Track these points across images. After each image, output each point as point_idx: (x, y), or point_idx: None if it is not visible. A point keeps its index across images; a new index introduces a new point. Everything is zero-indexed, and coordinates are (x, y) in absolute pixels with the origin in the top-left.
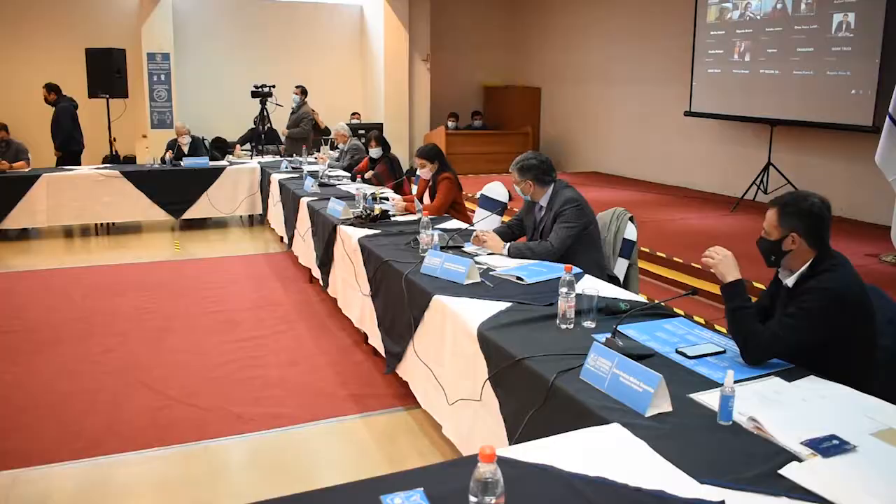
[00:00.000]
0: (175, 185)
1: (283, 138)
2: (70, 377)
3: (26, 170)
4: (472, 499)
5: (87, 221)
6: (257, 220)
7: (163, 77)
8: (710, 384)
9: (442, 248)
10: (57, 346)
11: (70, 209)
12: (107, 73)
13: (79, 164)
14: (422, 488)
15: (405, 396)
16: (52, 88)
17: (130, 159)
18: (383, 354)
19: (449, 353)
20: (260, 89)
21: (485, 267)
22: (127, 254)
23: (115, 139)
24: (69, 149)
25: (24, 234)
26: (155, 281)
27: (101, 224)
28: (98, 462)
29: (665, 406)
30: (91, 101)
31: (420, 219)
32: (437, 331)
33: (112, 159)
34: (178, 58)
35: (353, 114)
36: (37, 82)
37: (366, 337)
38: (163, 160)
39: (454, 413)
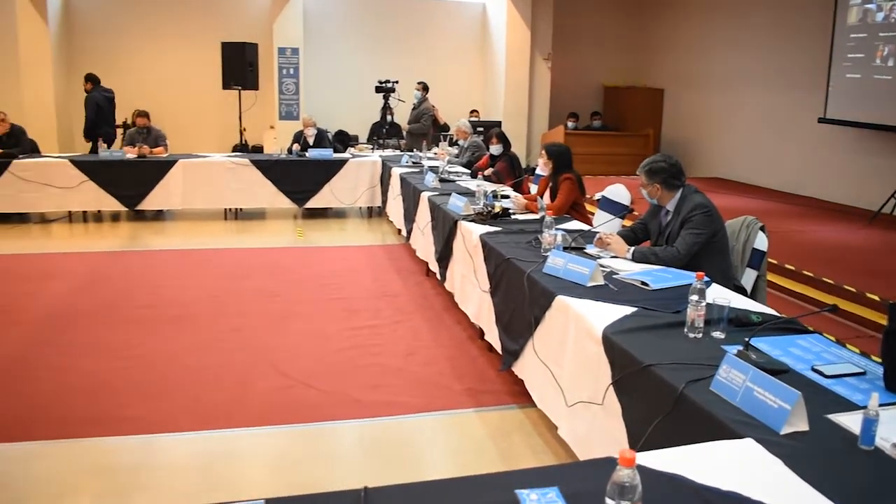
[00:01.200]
0: (300, 175)
1: (403, 133)
2: (200, 352)
3: (164, 155)
4: (609, 501)
5: (217, 206)
6: (375, 212)
7: (292, 71)
8: (849, 406)
9: (564, 249)
10: (189, 322)
11: (202, 194)
12: (240, 66)
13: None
14: (557, 486)
15: (520, 394)
16: (88, 79)
17: (258, 149)
18: (499, 351)
19: (570, 354)
20: (383, 84)
21: (608, 270)
22: (252, 238)
23: (244, 129)
24: (94, 135)
25: (159, 216)
26: (279, 266)
27: (230, 209)
28: (224, 434)
29: (801, 425)
30: (224, 92)
31: (543, 218)
32: (559, 331)
33: (241, 148)
34: (307, 53)
35: (472, 111)
36: (176, 73)
37: (482, 332)
38: (289, 151)
39: (572, 415)
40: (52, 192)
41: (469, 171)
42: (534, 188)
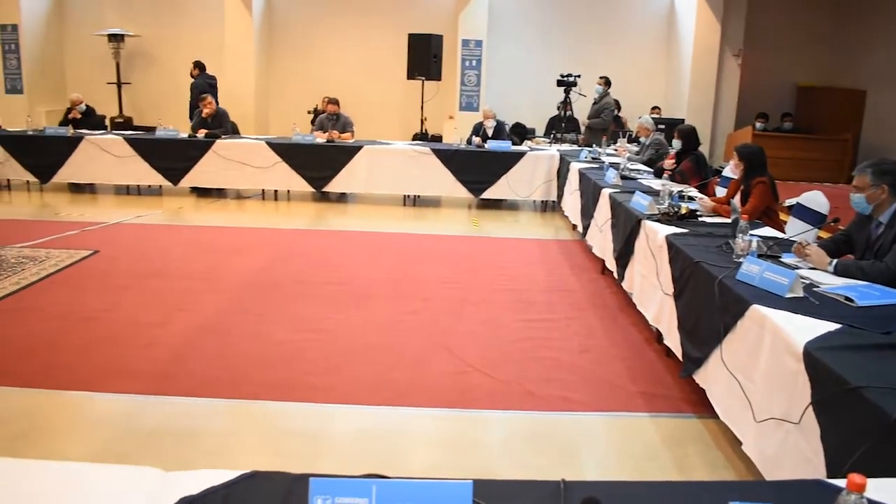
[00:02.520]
0: (478, 166)
1: (582, 128)
2: (380, 331)
3: (351, 141)
4: None
5: (397, 192)
6: (549, 206)
7: (474, 63)
8: None
9: (759, 256)
10: (370, 301)
11: (384, 179)
12: (425, 56)
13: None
14: (771, 503)
15: (699, 403)
16: (196, 65)
17: (437, 138)
18: (679, 356)
19: (763, 367)
20: (565, 78)
21: (808, 282)
22: (429, 225)
23: (425, 119)
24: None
25: (342, 198)
26: (454, 253)
27: (408, 196)
28: (400, 411)
29: None
30: (408, 82)
31: (736, 222)
32: (751, 342)
33: (421, 137)
34: (490, 45)
35: (654, 108)
36: (364, 63)
37: (659, 335)
38: (468, 141)
39: (760, 431)
40: (248, 171)
41: (651, 170)
42: (720, 191)
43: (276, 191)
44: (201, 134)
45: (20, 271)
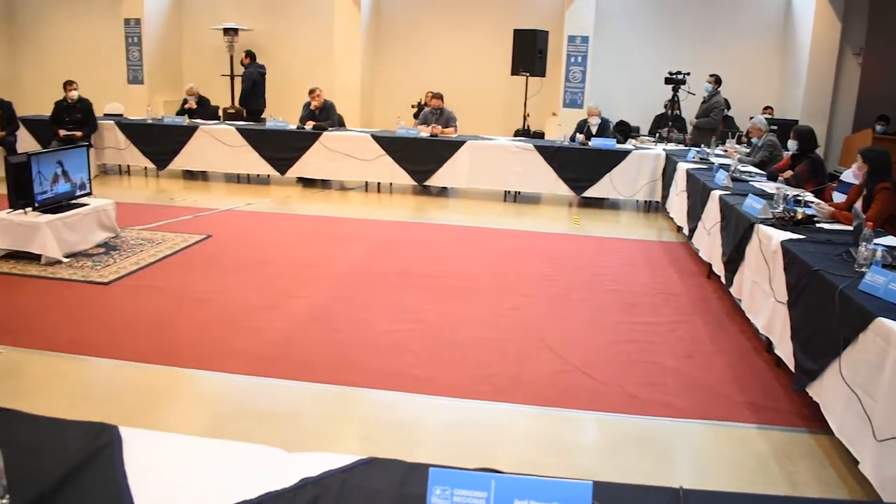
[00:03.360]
0: (581, 164)
1: (689, 127)
2: (482, 325)
3: (454, 136)
4: None
5: (498, 188)
6: (653, 207)
7: (580, 59)
8: None
9: (884, 266)
10: (471, 295)
11: (486, 175)
12: (530, 52)
13: (259, 122)
14: None
15: (812, 418)
16: (248, 55)
17: (539, 135)
18: (791, 367)
19: (887, 383)
20: (674, 76)
21: None
22: (529, 222)
23: (528, 114)
24: (248, 108)
25: (442, 192)
26: (555, 251)
27: (509, 192)
28: (499, 406)
29: None
30: (512, 77)
31: (859, 229)
32: (874, 356)
33: (523, 133)
34: (596, 41)
35: (766, 108)
36: (468, 58)
37: (769, 344)
38: (572, 138)
39: (881, 451)
40: (353, 163)
41: (763, 172)
42: (837, 197)
43: (378, 183)
44: (309, 126)
45: (139, 252)
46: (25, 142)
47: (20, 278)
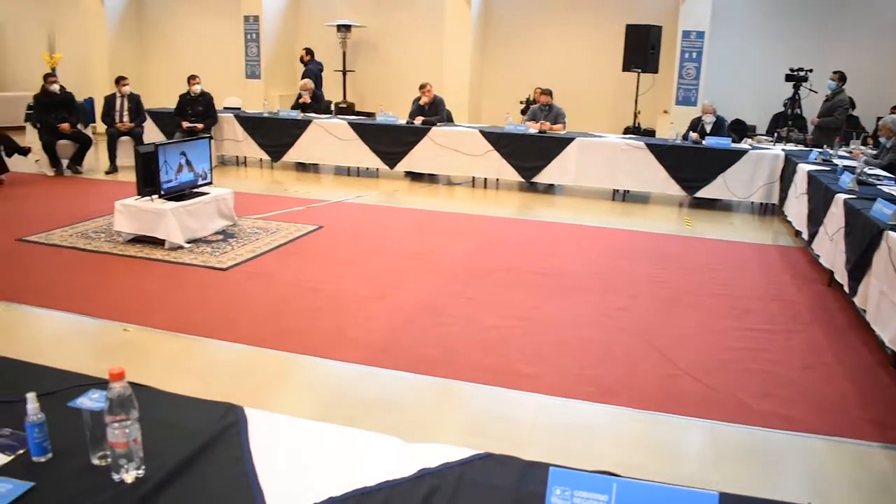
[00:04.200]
0: (694, 163)
1: (810, 127)
2: (588, 325)
3: (562, 132)
4: None
5: (607, 186)
6: (769, 210)
7: (694, 55)
8: None
9: None
10: (578, 294)
11: (594, 172)
12: (642, 48)
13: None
14: None
15: None
16: (307, 51)
17: (649, 132)
18: None
19: None
20: (795, 73)
21: None
22: (638, 222)
23: (639, 112)
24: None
25: (549, 189)
26: (665, 252)
27: (618, 190)
28: (606, 409)
29: None
30: (622, 73)
31: None
32: None
33: (633, 131)
34: (712, 36)
35: (894, 107)
36: (579, 53)
37: None
38: (685, 137)
39: None
40: (460, 158)
41: (893, 176)
42: None
43: (485, 179)
44: (418, 121)
45: (255, 240)
46: (151, 133)
47: (146, 261)
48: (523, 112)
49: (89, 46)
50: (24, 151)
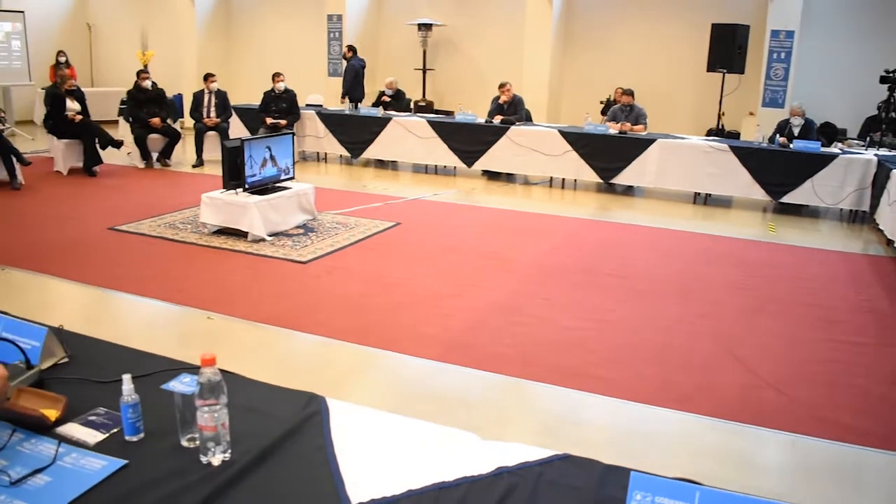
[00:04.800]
0: (780, 167)
1: None
2: (666, 330)
3: (643, 133)
4: None
5: (688, 189)
6: (859, 217)
7: (783, 55)
8: None
9: None
10: (656, 298)
11: (675, 175)
12: (728, 48)
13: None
14: None
15: None
16: (350, 48)
17: (733, 135)
18: None
19: None
20: (891, 74)
21: None
22: (719, 226)
23: (723, 113)
24: (350, 97)
25: (628, 191)
26: (747, 258)
27: (699, 193)
28: (685, 417)
29: None
30: (706, 74)
31: None
32: None
33: (717, 133)
34: (802, 35)
35: None
36: (661, 53)
37: None
38: (771, 140)
39: None
40: (538, 157)
41: None
42: None
43: (563, 179)
44: (497, 120)
45: (334, 234)
46: (235, 128)
47: (229, 253)
48: (603, 112)
49: (180, 45)
50: (117, 144)
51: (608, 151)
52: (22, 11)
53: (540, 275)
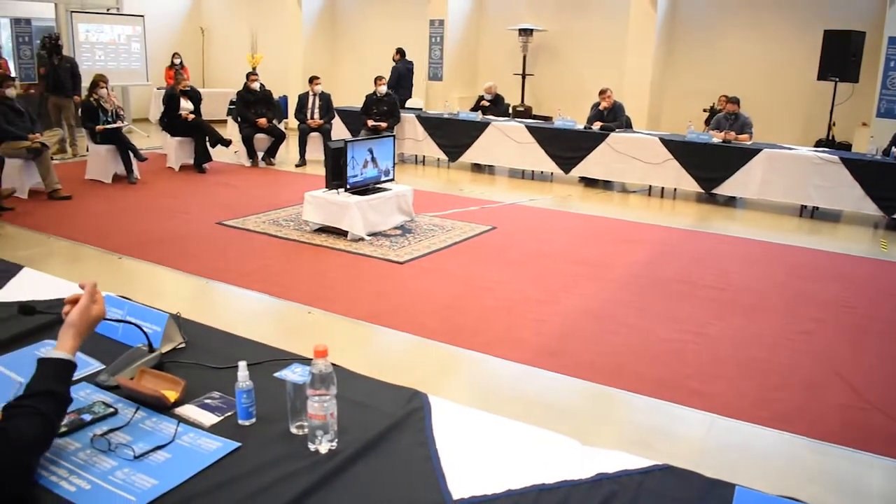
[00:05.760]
0: (895, 181)
1: None
2: (767, 346)
3: (748, 142)
4: None
5: (794, 201)
6: None
7: None
8: None
9: None
10: (757, 313)
11: (781, 186)
12: (841, 55)
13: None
14: None
15: None
16: (398, 51)
17: (844, 146)
18: None
19: None
20: None
21: None
22: (826, 241)
23: (834, 123)
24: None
25: (729, 202)
26: (854, 276)
27: (805, 206)
28: (781, 436)
29: None
30: (817, 83)
31: None
32: None
33: (826, 144)
34: None
35: None
36: (769, 60)
37: None
38: (886, 152)
39: None
40: (637, 165)
41: None
42: None
43: (662, 188)
44: (596, 126)
45: (431, 236)
46: (337, 130)
47: (329, 250)
48: (707, 121)
49: (286, 48)
50: (226, 143)
51: (711, 161)
52: (142, 16)
53: (635, 284)
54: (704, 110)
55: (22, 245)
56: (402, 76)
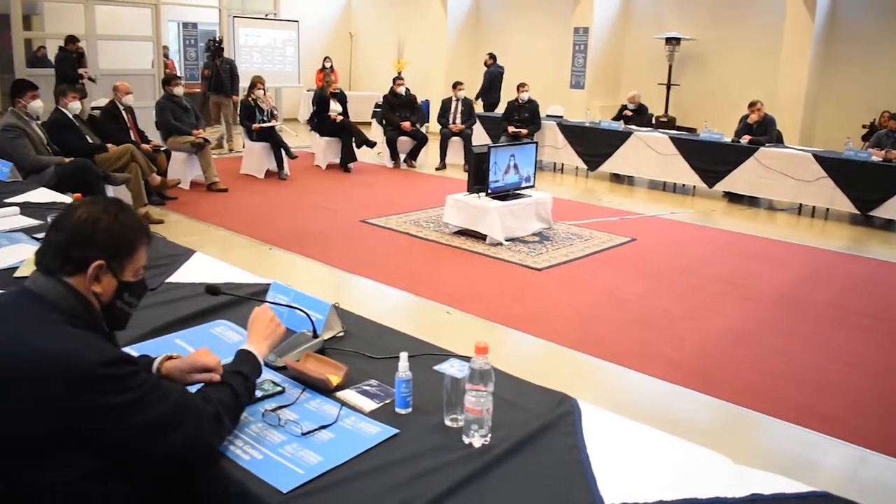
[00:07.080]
0: None
1: None
2: None
3: None
4: None
5: None
6: None
7: None
8: None
9: None
10: None
11: None
12: None
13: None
14: None
15: None
16: (490, 56)
17: None
18: None
19: None
20: None
21: None
22: None
23: None
24: (484, 102)
25: (888, 225)
26: None
27: None
28: None
29: None
30: None
31: None
32: None
33: None
34: None
35: None
36: None
37: None
38: None
39: None
40: (787, 182)
41: None
42: None
43: (813, 207)
44: (745, 140)
45: (569, 245)
46: (477, 135)
47: (468, 253)
48: (864, 138)
49: (431, 53)
50: (371, 144)
51: (869, 180)
52: (297, 21)
53: (780, 306)
54: (864, 126)
55: (184, 232)
56: (493, 80)
